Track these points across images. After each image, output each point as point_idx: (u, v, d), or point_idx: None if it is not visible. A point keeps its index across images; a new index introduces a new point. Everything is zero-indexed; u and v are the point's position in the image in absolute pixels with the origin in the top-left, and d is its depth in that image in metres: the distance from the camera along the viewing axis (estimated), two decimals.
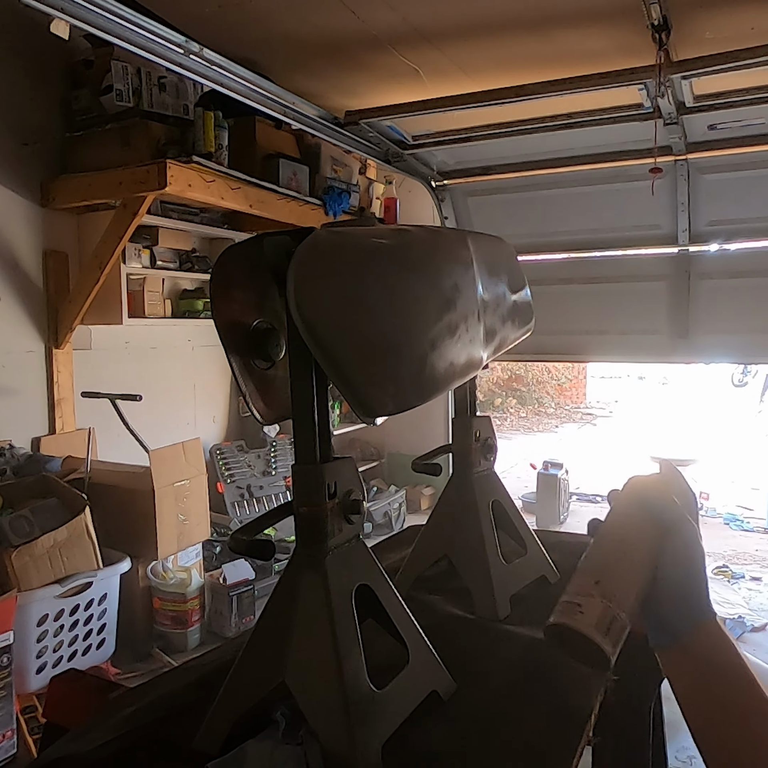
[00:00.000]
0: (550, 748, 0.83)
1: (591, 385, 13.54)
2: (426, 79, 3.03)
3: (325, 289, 0.75)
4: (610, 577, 0.64)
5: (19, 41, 3.03)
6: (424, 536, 1.28)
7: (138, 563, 3.08)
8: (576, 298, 4.07)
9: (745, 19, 2.42)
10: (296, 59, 2.96)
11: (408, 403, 0.83)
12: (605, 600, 0.62)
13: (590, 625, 0.61)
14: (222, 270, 0.87)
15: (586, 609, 0.62)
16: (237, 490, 4.41)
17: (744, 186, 3.48)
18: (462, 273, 1.02)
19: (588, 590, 0.63)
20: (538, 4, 2.45)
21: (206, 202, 3.24)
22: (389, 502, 5.03)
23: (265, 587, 3.47)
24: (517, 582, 1.23)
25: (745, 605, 3.89)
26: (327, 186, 3.82)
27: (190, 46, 2.35)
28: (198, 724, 0.83)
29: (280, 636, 0.80)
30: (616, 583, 0.64)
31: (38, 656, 2.47)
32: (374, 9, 2.50)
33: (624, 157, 3.50)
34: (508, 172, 3.85)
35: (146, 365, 3.84)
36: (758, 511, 5.81)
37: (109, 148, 3.02)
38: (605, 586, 0.63)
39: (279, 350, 0.87)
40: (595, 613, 0.61)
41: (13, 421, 3.13)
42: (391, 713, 0.81)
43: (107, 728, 0.87)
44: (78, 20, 1.99)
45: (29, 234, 3.20)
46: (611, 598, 0.62)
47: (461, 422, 1.25)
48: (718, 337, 3.80)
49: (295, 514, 0.81)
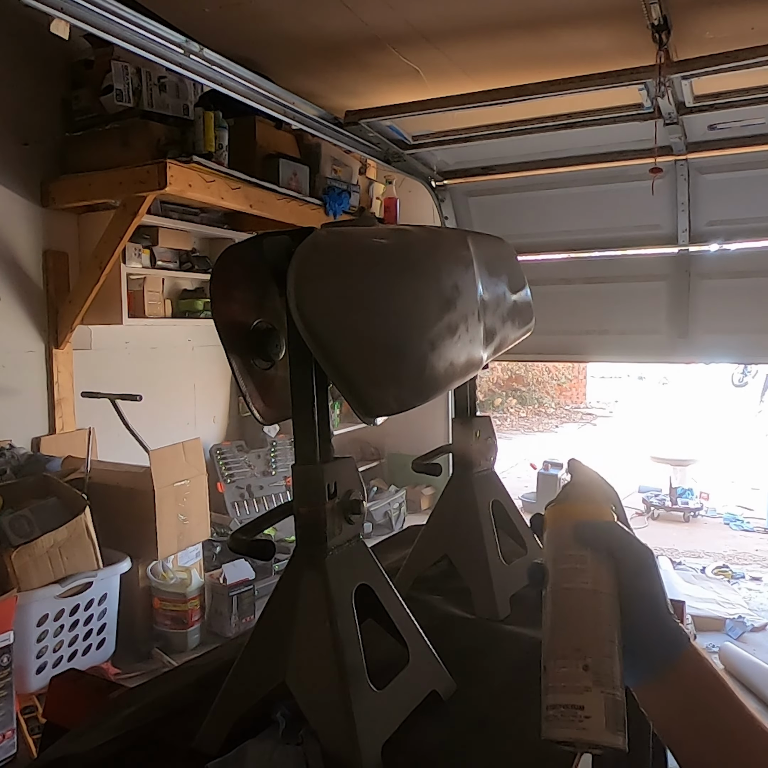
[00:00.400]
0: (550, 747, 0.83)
1: (591, 385, 13.55)
2: (426, 79, 3.03)
3: (325, 289, 0.75)
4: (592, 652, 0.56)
5: (19, 41, 3.03)
6: (424, 536, 1.27)
7: (138, 563, 3.08)
8: (576, 298, 4.07)
9: (745, 19, 2.42)
10: (296, 59, 2.96)
11: (408, 403, 0.83)
12: (602, 688, 0.55)
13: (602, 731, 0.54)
14: (222, 270, 0.87)
15: (590, 710, 0.54)
16: (237, 490, 4.41)
17: (744, 186, 3.48)
18: (462, 273, 1.02)
19: (580, 681, 0.55)
20: (538, 4, 2.44)
21: (206, 202, 3.24)
22: (389, 502, 5.03)
23: (265, 587, 3.47)
24: (517, 582, 1.23)
25: (745, 605, 3.89)
26: (327, 186, 3.82)
27: (190, 46, 2.35)
28: (198, 724, 0.83)
29: (280, 636, 0.80)
30: (599, 655, 0.56)
31: (38, 656, 2.47)
32: (374, 9, 2.50)
33: (624, 157, 3.50)
34: (508, 172, 3.85)
35: (146, 365, 3.84)
36: (758, 511, 5.81)
37: (109, 148, 3.02)
38: (595, 668, 0.55)
39: (279, 350, 0.87)
40: (600, 712, 0.54)
41: (13, 421, 3.13)
42: (391, 713, 0.81)
43: (107, 728, 0.87)
44: (78, 20, 1.99)
45: (29, 234, 3.20)
46: (605, 681, 0.55)
47: (461, 422, 1.25)
48: (718, 337, 3.80)
49: (295, 514, 0.81)
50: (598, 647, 0.56)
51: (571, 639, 0.57)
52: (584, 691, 0.55)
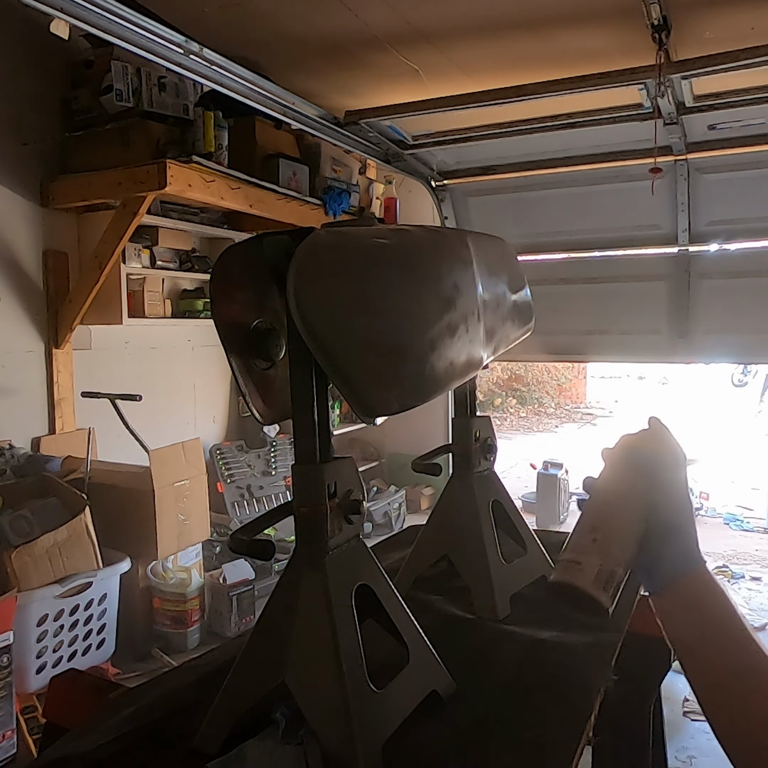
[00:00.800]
0: (549, 747, 0.83)
1: (591, 385, 13.54)
2: (426, 79, 3.03)
3: (325, 289, 0.75)
4: (606, 534, 0.69)
5: (19, 41, 3.03)
6: (424, 536, 1.27)
7: (138, 563, 3.08)
8: (576, 298, 4.06)
9: (745, 19, 2.42)
10: (296, 59, 2.96)
11: (408, 403, 0.83)
12: (602, 556, 0.68)
13: (589, 582, 0.67)
14: (222, 270, 0.87)
15: (585, 566, 0.68)
16: (237, 490, 4.41)
17: (744, 186, 3.48)
18: (462, 273, 1.01)
19: (586, 548, 0.69)
20: (538, 4, 2.45)
21: (206, 202, 3.24)
22: (389, 502, 5.02)
23: (265, 587, 3.46)
24: (517, 582, 1.23)
25: (745, 605, 3.89)
26: (327, 186, 3.82)
27: (190, 46, 2.35)
28: (198, 724, 0.83)
29: (280, 636, 0.80)
30: (612, 538, 0.69)
31: (38, 656, 2.47)
32: (374, 9, 2.50)
33: (624, 157, 3.50)
34: (508, 172, 3.85)
35: (146, 365, 3.84)
36: (758, 511, 5.81)
37: (109, 148, 3.01)
38: (602, 543, 0.69)
39: (279, 350, 0.87)
40: (593, 570, 0.67)
41: (13, 421, 3.13)
42: (391, 713, 0.81)
43: (107, 728, 0.86)
44: (78, 20, 1.99)
45: (29, 234, 3.20)
46: (608, 554, 0.68)
47: (461, 422, 1.25)
48: (718, 337, 3.80)
49: (295, 514, 0.81)
50: (610, 531, 0.70)
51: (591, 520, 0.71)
52: (586, 554, 0.68)
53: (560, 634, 1.08)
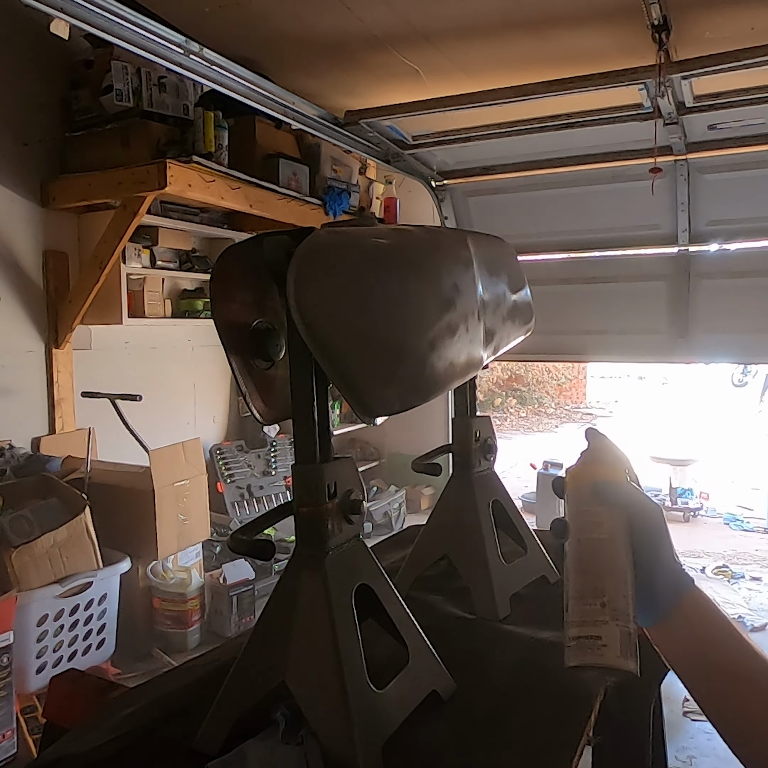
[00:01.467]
0: (550, 747, 0.83)
1: (591, 385, 13.54)
2: (426, 79, 3.03)
3: (324, 289, 0.75)
4: (611, 593, 0.64)
5: (19, 41, 3.03)
6: (424, 536, 1.27)
7: (138, 563, 3.08)
8: (576, 298, 4.06)
9: (745, 19, 2.42)
10: (296, 59, 2.96)
11: (408, 403, 0.83)
12: (617, 622, 0.63)
13: (617, 657, 0.62)
14: (222, 270, 0.87)
15: (606, 640, 0.63)
16: (237, 490, 4.41)
17: (744, 186, 3.48)
18: (462, 273, 1.01)
19: (599, 616, 0.64)
20: (538, 4, 2.44)
21: (206, 202, 3.24)
22: (389, 502, 5.02)
23: (265, 587, 3.46)
24: (517, 582, 1.23)
25: (745, 605, 3.89)
26: (327, 186, 3.82)
27: (190, 46, 2.35)
28: (198, 724, 0.83)
29: (280, 636, 0.80)
30: (615, 594, 0.64)
31: (38, 656, 2.47)
32: (374, 9, 2.50)
33: (624, 157, 3.50)
34: (508, 172, 3.85)
35: (146, 365, 3.84)
36: (758, 511, 5.81)
37: (109, 148, 3.02)
38: (610, 605, 0.64)
39: (279, 350, 0.87)
40: (615, 641, 0.62)
41: (13, 421, 3.13)
42: (391, 713, 0.81)
43: (107, 728, 0.86)
44: (78, 20, 1.99)
45: (29, 234, 3.20)
46: (619, 615, 0.63)
47: (461, 422, 1.25)
48: (718, 337, 3.80)
49: (295, 514, 0.81)
50: (614, 587, 0.65)
51: (590, 581, 0.66)
52: (602, 624, 0.63)
53: (560, 634, 1.07)
